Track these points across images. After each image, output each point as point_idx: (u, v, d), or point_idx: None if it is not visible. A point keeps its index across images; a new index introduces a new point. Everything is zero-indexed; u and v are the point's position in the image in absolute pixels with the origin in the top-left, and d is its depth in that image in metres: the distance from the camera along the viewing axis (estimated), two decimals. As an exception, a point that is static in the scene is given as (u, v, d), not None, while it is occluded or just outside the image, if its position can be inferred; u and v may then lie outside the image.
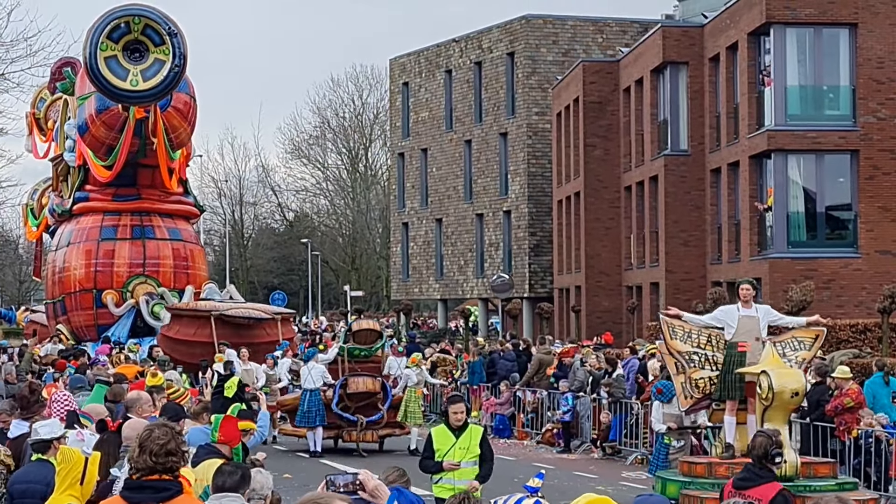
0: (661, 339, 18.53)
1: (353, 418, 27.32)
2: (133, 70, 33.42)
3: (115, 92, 33.74)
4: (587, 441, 28.52)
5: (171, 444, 7.58)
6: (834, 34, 39.67)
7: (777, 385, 16.29)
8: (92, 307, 38.46)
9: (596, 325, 47.80)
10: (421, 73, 66.95)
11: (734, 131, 42.27)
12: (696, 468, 17.14)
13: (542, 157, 59.00)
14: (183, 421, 13.50)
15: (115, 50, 33.14)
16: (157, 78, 33.64)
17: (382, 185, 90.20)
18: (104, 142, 36.78)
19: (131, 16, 33.34)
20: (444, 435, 13.42)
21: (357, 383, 27.57)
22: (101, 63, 32.93)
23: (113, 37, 33.07)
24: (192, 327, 33.72)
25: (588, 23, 60.01)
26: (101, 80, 33.15)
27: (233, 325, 33.54)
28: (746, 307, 17.29)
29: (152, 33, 33.48)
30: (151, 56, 33.69)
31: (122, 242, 38.75)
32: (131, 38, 33.38)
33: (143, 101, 34.87)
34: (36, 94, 42.32)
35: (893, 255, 38.83)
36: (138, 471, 7.56)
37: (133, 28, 33.12)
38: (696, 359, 17.41)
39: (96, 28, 33.08)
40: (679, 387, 17.68)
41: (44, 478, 10.24)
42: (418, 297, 69.20)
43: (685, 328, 17.62)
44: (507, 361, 33.52)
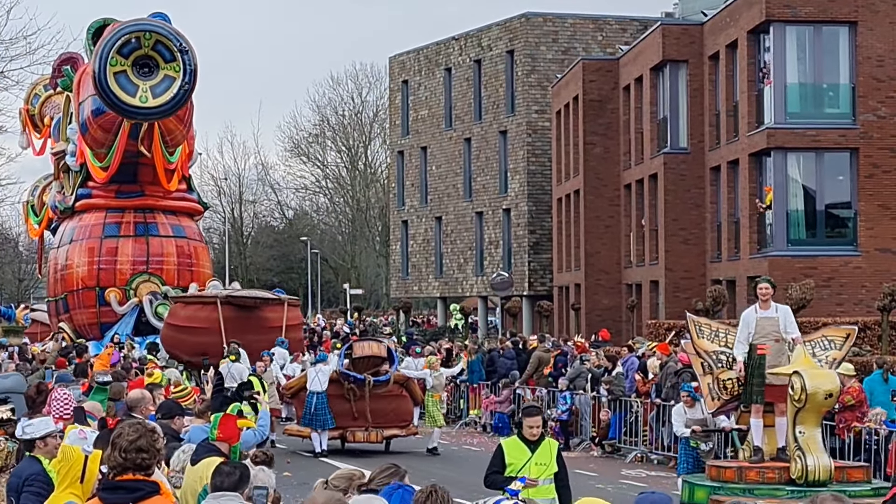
0: (687, 338, 18.10)
1: (361, 377, 27.09)
2: (143, 86, 33.24)
3: (123, 108, 33.57)
4: (587, 439, 28.51)
5: (142, 440, 7.53)
6: (834, 32, 39.66)
7: (810, 386, 15.82)
8: (95, 305, 38.20)
9: (595, 323, 47.78)
10: (420, 71, 66.92)
11: (734, 129, 42.26)
12: (725, 472, 16.69)
13: (542, 155, 58.99)
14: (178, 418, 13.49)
15: (124, 65, 32.95)
16: (166, 95, 33.49)
17: (382, 183, 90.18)
18: (102, 143, 36.68)
19: (142, 31, 33.11)
20: (518, 448, 12.30)
21: (363, 347, 27.60)
22: (110, 78, 32.71)
23: (123, 52, 32.85)
24: (198, 313, 33.32)
25: (588, 21, 59.99)
26: (111, 95, 32.93)
27: (239, 308, 33.12)
28: (765, 308, 16.78)
29: (163, 49, 33.29)
30: (161, 72, 33.50)
31: (126, 239, 38.45)
32: (141, 54, 33.18)
33: (151, 117, 34.79)
34: (30, 90, 42.13)
35: (893, 252, 38.83)
36: (111, 469, 7.54)
37: (144, 44, 32.92)
38: (724, 359, 16.91)
39: (106, 43, 32.82)
40: (706, 388, 17.22)
41: (21, 472, 10.43)
42: (418, 296, 69.19)
43: (712, 327, 17.25)
44: (506, 360, 33.51)
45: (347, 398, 27.12)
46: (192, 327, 32.69)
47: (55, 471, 9.50)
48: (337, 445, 27.75)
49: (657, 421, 25.77)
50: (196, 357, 31.41)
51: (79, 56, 39.40)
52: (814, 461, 16.07)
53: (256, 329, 32.21)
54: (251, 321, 32.65)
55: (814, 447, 16.20)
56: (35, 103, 42.24)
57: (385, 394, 27.35)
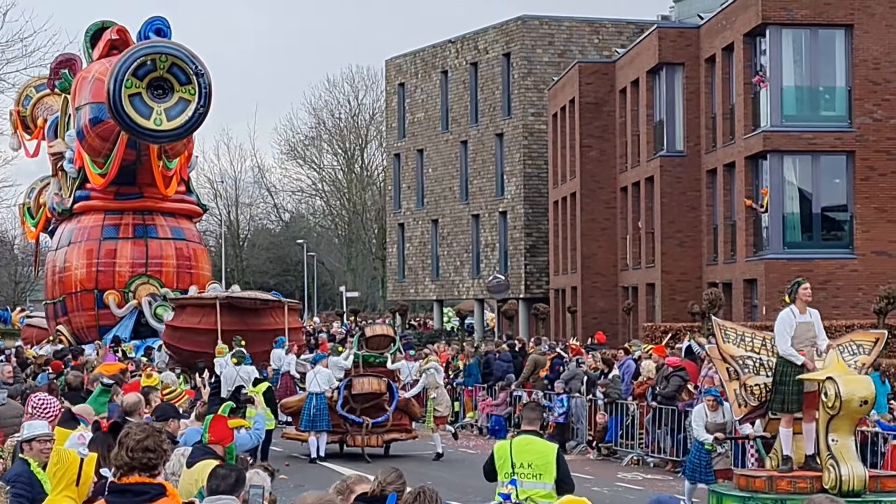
0: (712, 342, 17.60)
1: (359, 420, 26.99)
2: (157, 108, 33.05)
3: (137, 130, 33.43)
4: (583, 442, 28.50)
5: (149, 440, 7.56)
6: (830, 35, 39.69)
7: (845, 393, 15.25)
8: (93, 308, 37.98)
9: (592, 325, 47.79)
10: (417, 74, 66.93)
11: (730, 132, 42.27)
12: (755, 482, 16.08)
13: (538, 158, 59.01)
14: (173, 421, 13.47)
15: (139, 87, 32.74)
16: (181, 118, 33.34)
17: (378, 186, 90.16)
18: (100, 151, 36.55)
19: (158, 53, 32.88)
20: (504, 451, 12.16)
21: (362, 384, 27.17)
22: (125, 100, 32.52)
23: (138, 74, 32.63)
24: (197, 315, 33.10)
25: (584, 24, 60.02)
26: (125, 117, 32.74)
27: (239, 310, 32.93)
28: (803, 312, 16.11)
29: (178, 72, 33.09)
30: (176, 95, 33.30)
31: (124, 242, 38.24)
32: (156, 76, 32.99)
33: (164, 140, 34.71)
34: (21, 92, 41.98)
35: (889, 255, 38.85)
36: (118, 468, 7.55)
37: (159, 66, 32.73)
38: (751, 364, 16.35)
39: (122, 65, 32.52)
40: (732, 394, 16.62)
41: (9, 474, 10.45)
42: (414, 298, 69.16)
43: (738, 330, 16.70)
44: (502, 362, 33.48)
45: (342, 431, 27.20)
46: (192, 329, 32.57)
47: (51, 474, 9.50)
48: (336, 450, 27.64)
49: (653, 424, 25.76)
50: (196, 358, 31.27)
51: (76, 57, 39.29)
52: (848, 470, 15.55)
53: (256, 333, 32.05)
54: (251, 325, 32.48)
55: (847, 456, 15.67)
56: (26, 105, 42.06)
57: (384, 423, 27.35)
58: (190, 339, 32.32)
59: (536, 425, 12.20)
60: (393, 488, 8.94)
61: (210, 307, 32.82)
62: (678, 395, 25.02)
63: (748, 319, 38.80)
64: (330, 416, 26.88)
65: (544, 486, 11.63)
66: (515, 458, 11.69)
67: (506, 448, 11.84)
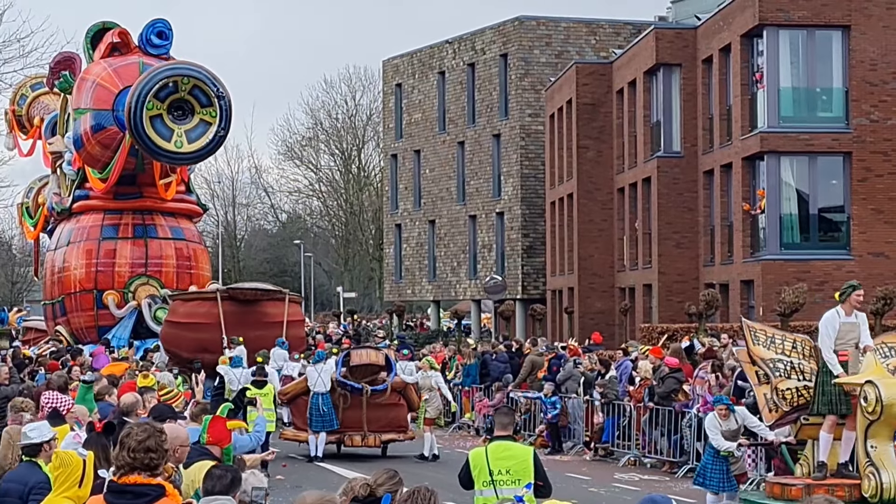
0: (741, 344, 17.08)
1: (359, 386, 26.96)
2: (177, 130, 32.93)
3: (157, 152, 33.33)
4: (580, 443, 28.50)
5: (151, 441, 7.56)
6: (827, 36, 39.71)
7: (886, 397, 14.72)
8: (93, 308, 37.72)
9: (589, 326, 47.78)
10: (414, 75, 66.93)
11: (727, 133, 42.29)
12: (790, 490, 15.54)
13: (535, 159, 59.02)
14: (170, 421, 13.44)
15: (160, 109, 32.60)
16: (202, 141, 33.25)
17: (375, 187, 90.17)
18: (99, 159, 36.39)
19: (180, 76, 32.75)
20: None
21: (360, 355, 27.28)
22: (146, 122, 32.42)
23: (160, 95, 32.46)
24: (199, 309, 33.09)
25: (581, 24, 60.01)
26: (146, 139, 32.61)
27: (239, 303, 32.90)
28: (849, 314, 15.73)
29: (199, 94, 32.95)
30: (196, 117, 33.17)
31: (124, 242, 37.99)
32: (177, 97, 32.88)
33: (184, 162, 34.66)
34: (16, 91, 41.79)
35: (886, 257, 38.88)
36: (118, 468, 7.54)
37: (181, 88, 32.62)
38: (782, 367, 15.86)
39: (144, 86, 32.29)
40: (762, 399, 16.15)
41: (25, 479, 10.34)
42: (411, 299, 69.16)
43: (768, 333, 16.22)
44: (499, 363, 33.47)
45: (337, 404, 27.00)
46: (191, 323, 32.41)
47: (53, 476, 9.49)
48: (333, 450, 27.61)
49: (650, 425, 25.77)
50: (196, 354, 31.17)
51: (76, 56, 39.12)
52: (889, 477, 15.11)
53: (257, 324, 31.92)
54: (252, 316, 32.31)
55: (888, 462, 15.23)
56: (22, 104, 41.90)
57: (382, 402, 27.25)
58: (191, 335, 32.14)
59: (510, 430, 11.97)
60: (384, 489, 8.88)
61: (211, 300, 32.74)
62: (674, 395, 25.03)
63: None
64: (335, 413, 26.84)
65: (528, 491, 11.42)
66: (493, 465, 11.49)
67: (481, 455, 11.61)
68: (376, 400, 27.01)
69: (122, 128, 35.21)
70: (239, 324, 31.54)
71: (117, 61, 36.38)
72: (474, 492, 11.65)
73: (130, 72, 35.94)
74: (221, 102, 33.16)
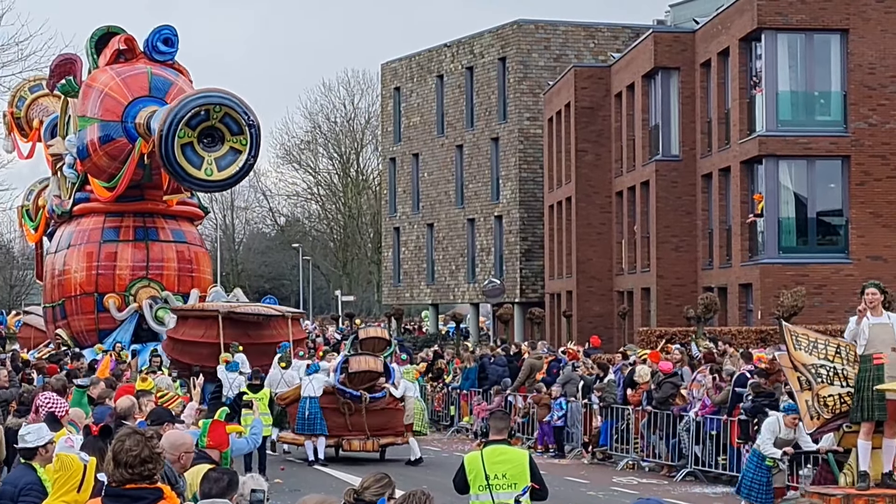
0: (782, 349, 16.62)
1: (357, 393, 26.98)
2: (207, 158, 32.82)
3: (187, 179, 33.28)
4: (578, 446, 28.49)
5: (145, 451, 7.52)
6: (825, 40, 39.72)
7: None
8: (93, 311, 37.50)
9: (587, 330, 47.80)
10: (413, 78, 66.93)
11: (725, 137, 42.29)
12: (831, 501, 15.10)
13: (534, 163, 59.02)
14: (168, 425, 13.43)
15: (191, 137, 32.48)
16: (231, 169, 33.16)
17: (374, 190, 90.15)
18: (105, 170, 36.28)
19: (212, 104, 32.67)
20: None
21: (359, 362, 27.27)
22: (177, 150, 32.36)
23: (191, 123, 32.33)
24: (199, 328, 32.87)
25: (580, 28, 60.02)
26: (176, 167, 32.49)
27: (241, 324, 32.71)
28: (876, 314, 15.31)
29: (230, 122, 32.86)
30: (227, 144, 33.03)
31: (125, 244, 37.79)
32: (208, 125, 32.82)
33: (213, 189, 34.56)
34: (14, 93, 41.66)
35: (884, 260, 38.87)
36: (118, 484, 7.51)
37: (212, 116, 32.57)
38: (824, 373, 15.27)
39: (175, 114, 32.05)
40: (803, 406, 15.55)
41: (17, 481, 10.34)
42: (409, 302, 69.15)
43: (810, 337, 15.62)
44: (497, 366, 33.45)
45: (343, 412, 27.03)
46: (193, 342, 32.41)
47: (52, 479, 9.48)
48: (332, 454, 27.61)
49: (648, 428, 25.77)
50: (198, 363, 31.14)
51: (77, 58, 38.98)
52: None
53: (259, 347, 31.91)
54: (254, 338, 32.30)
55: None
56: (20, 106, 41.79)
57: (381, 407, 27.28)
58: (191, 352, 32.12)
59: (505, 434, 11.93)
60: (370, 493, 8.84)
61: (212, 319, 32.68)
62: (671, 400, 25.04)
63: (743, 324, 38.84)
64: (325, 416, 26.91)
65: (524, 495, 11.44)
66: (489, 469, 11.43)
67: (477, 459, 11.53)
68: (375, 406, 27.07)
69: (132, 139, 35.19)
70: (241, 346, 31.53)
71: (125, 70, 36.17)
72: (469, 496, 11.61)
73: (139, 82, 35.80)
74: (252, 130, 33.15)
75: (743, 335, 34.55)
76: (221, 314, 32.44)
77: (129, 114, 35.29)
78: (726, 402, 23.20)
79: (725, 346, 28.13)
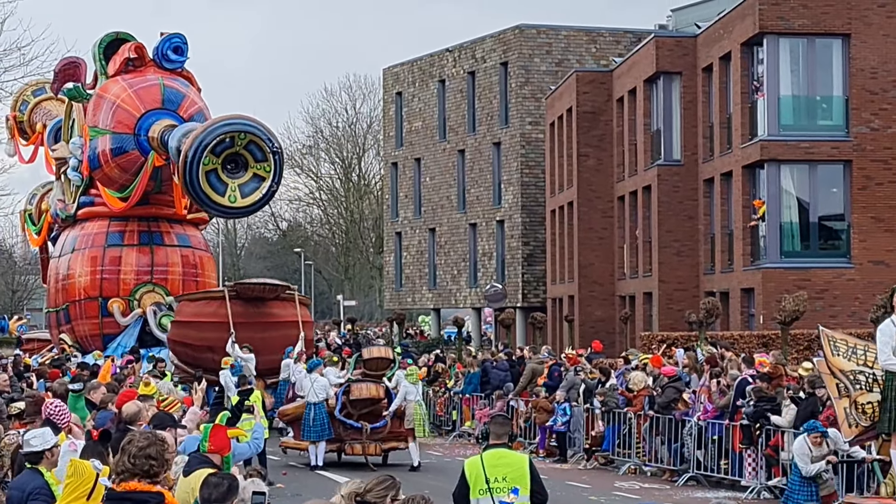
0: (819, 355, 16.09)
1: (358, 425, 26.98)
2: (231, 184, 32.84)
3: (211, 206, 33.33)
4: (580, 451, 28.47)
5: (152, 448, 7.58)
6: (827, 44, 39.72)
7: None
8: (97, 316, 37.37)
9: (589, 334, 47.76)
10: (414, 83, 66.96)
11: (727, 141, 42.30)
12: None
13: (536, 167, 59.03)
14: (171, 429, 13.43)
15: (215, 164, 32.52)
16: (255, 195, 33.20)
17: (375, 195, 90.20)
18: (117, 181, 36.31)
19: (237, 132, 32.68)
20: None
21: (360, 389, 27.13)
22: (201, 177, 32.38)
23: (216, 150, 32.37)
24: (205, 308, 32.96)
25: (581, 33, 60.03)
26: (200, 194, 32.49)
27: (248, 301, 32.81)
28: None
29: (254, 149, 32.90)
30: (250, 171, 33.03)
31: (129, 249, 37.68)
32: (232, 152, 32.84)
33: (236, 216, 34.54)
34: (17, 97, 41.60)
35: (886, 265, 38.85)
36: (118, 474, 7.54)
37: (237, 143, 32.60)
38: (863, 379, 14.86)
39: (201, 141, 32.06)
40: (841, 413, 15.13)
41: (25, 485, 10.33)
42: (411, 307, 69.14)
43: (848, 342, 15.29)
44: (499, 371, 33.43)
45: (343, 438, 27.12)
46: (198, 322, 32.28)
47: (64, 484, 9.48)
48: (333, 458, 27.56)
49: (650, 433, 25.76)
50: (203, 354, 31.08)
51: (81, 61, 38.92)
52: None
53: (266, 325, 31.89)
54: (260, 317, 32.28)
55: None
56: (23, 110, 41.76)
57: (381, 436, 27.29)
58: (198, 333, 32.01)
59: (505, 439, 11.88)
60: (372, 495, 8.84)
61: (218, 300, 32.64)
62: (674, 404, 25.03)
63: (745, 329, 38.82)
64: (330, 422, 26.86)
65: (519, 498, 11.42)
66: (489, 472, 11.39)
67: (477, 463, 11.50)
68: (375, 439, 27.10)
69: (144, 152, 35.24)
70: (248, 324, 31.47)
71: (137, 81, 36.08)
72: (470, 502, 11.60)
73: (152, 94, 35.76)
74: (276, 157, 33.21)
75: (745, 340, 34.54)
76: (228, 292, 32.47)
77: (142, 126, 35.31)
78: (728, 406, 23.20)
79: (722, 350, 28.11)
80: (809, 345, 32.63)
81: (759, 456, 22.29)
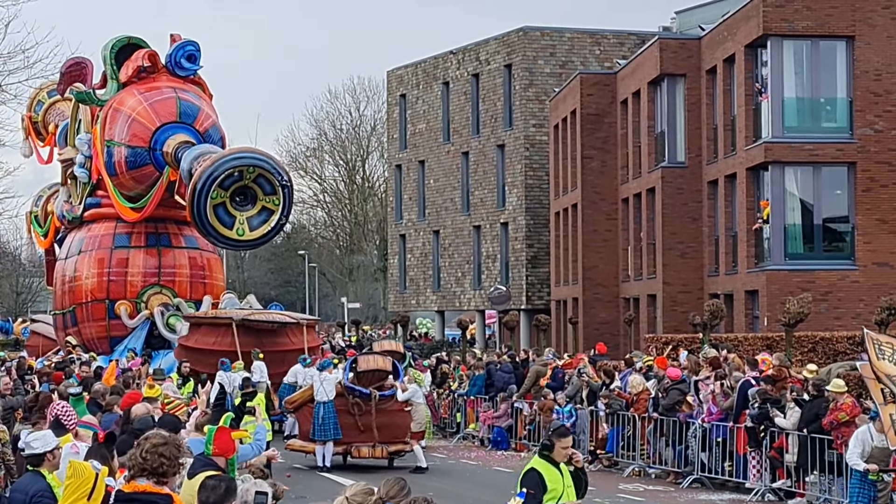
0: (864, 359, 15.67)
1: (366, 391, 26.90)
2: (239, 217, 32.81)
3: (219, 239, 33.33)
4: (584, 453, 28.43)
5: (166, 448, 7.61)
6: (831, 46, 39.70)
7: None
8: (104, 318, 37.15)
9: (593, 336, 47.73)
10: (418, 85, 66.98)
11: (731, 143, 42.27)
12: None
13: (540, 169, 59.03)
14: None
15: (224, 197, 32.48)
16: (263, 228, 33.18)
17: (380, 197, 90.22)
18: (131, 190, 36.32)
19: (247, 166, 32.63)
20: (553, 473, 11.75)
21: (368, 361, 27.21)
22: (209, 211, 32.35)
23: (224, 184, 32.31)
24: (212, 336, 32.69)
25: (585, 35, 60.06)
26: (208, 227, 32.47)
27: (255, 331, 32.63)
28: None
29: (264, 182, 32.85)
30: (259, 204, 33.01)
31: (137, 250, 37.50)
32: (241, 185, 32.79)
33: (244, 248, 34.44)
34: (32, 97, 41.54)
35: (891, 266, 38.82)
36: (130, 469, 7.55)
37: (246, 176, 32.55)
38: None
39: (209, 175, 32.03)
40: (887, 419, 14.73)
41: (28, 488, 10.33)
42: (416, 309, 69.14)
43: (894, 345, 14.83)
44: (504, 373, 33.41)
45: (352, 412, 26.91)
46: (206, 350, 32.24)
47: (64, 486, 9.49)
48: (339, 461, 27.53)
49: (654, 435, 25.73)
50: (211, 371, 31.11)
51: (87, 62, 38.85)
52: None
53: (274, 355, 31.81)
54: (267, 346, 32.09)
55: None
56: (38, 110, 41.73)
57: (390, 408, 27.20)
58: (204, 361, 31.97)
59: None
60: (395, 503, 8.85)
61: (225, 327, 32.55)
62: (678, 406, 25.00)
63: (749, 331, 38.79)
64: (338, 419, 26.80)
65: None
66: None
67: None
68: (384, 405, 26.97)
69: (159, 167, 35.19)
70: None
71: (152, 95, 35.88)
72: None
73: (167, 108, 35.62)
74: (285, 191, 33.14)
75: (749, 342, 34.52)
76: (235, 322, 32.32)
77: (158, 140, 35.21)
78: (732, 408, 23.18)
79: (724, 351, 28.08)
80: (814, 347, 32.60)
81: (764, 458, 22.28)
